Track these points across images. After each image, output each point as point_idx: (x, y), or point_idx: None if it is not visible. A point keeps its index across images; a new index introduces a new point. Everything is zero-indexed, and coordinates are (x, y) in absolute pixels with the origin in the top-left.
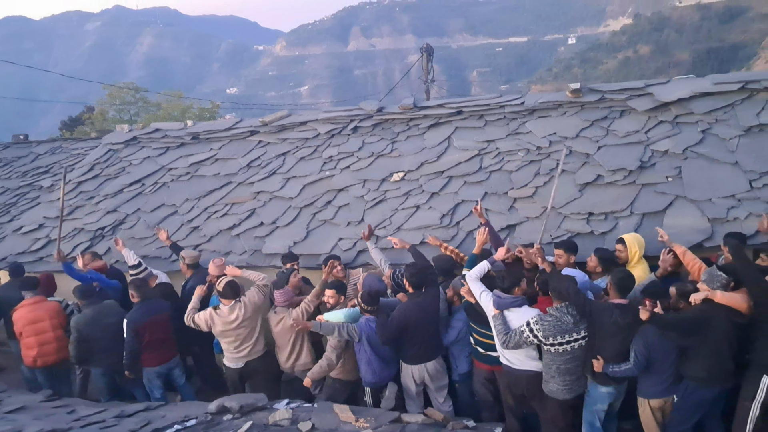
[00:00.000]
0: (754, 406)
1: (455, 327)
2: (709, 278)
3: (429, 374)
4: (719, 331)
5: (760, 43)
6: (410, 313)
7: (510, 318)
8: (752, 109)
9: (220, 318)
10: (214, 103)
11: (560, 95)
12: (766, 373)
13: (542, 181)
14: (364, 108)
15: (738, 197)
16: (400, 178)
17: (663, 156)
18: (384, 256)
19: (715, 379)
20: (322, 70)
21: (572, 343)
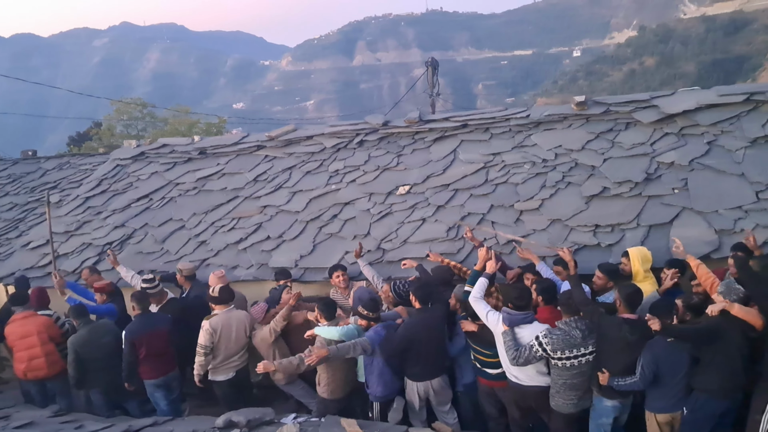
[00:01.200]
0: (764, 420)
1: (461, 334)
2: (727, 290)
3: (434, 390)
4: (733, 343)
5: (765, 54)
6: (416, 330)
7: (520, 334)
8: (758, 121)
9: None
10: (221, 118)
11: (565, 108)
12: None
13: (548, 194)
14: (369, 122)
15: (745, 209)
16: (406, 192)
17: (669, 168)
18: (376, 272)
19: (726, 392)
20: (327, 84)
21: (580, 358)
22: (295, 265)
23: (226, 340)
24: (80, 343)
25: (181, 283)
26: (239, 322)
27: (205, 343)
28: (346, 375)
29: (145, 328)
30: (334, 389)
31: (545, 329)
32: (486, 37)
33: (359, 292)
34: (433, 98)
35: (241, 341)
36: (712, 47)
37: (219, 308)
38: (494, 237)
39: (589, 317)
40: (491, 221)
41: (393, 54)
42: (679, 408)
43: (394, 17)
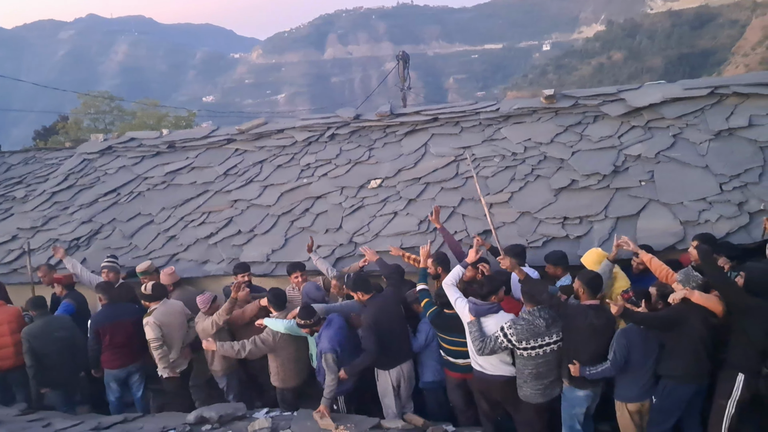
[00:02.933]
0: (730, 404)
1: (422, 330)
2: (685, 278)
3: (405, 375)
4: (695, 330)
5: (730, 48)
6: (378, 317)
7: (486, 325)
8: (721, 114)
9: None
10: (190, 111)
11: (534, 101)
12: (741, 372)
13: (518, 187)
14: (340, 115)
15: (709, 200)
16: (377, 185)
17: (636, 160)
18: (329, 264)
19: (692, 377)
20: (299, 77)
21: (545, 347)
22: (267, 259)
23: (175, 329)
24: (33, 334)
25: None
26: (177, 310)
27: (155, 335)
28: (296, 365)
29: (109, 318)
30: (284, 378)
31: (510, 320)
32: (457, 30)
33: (307, 287)
34: (405, 92)
35: (184, 327)
36: (678, 42)
37: (154, 304)
38: (465, 230)
39: (555, 308)
40: (462, 214)
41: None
42: (648, 396)
43: (365, 10)
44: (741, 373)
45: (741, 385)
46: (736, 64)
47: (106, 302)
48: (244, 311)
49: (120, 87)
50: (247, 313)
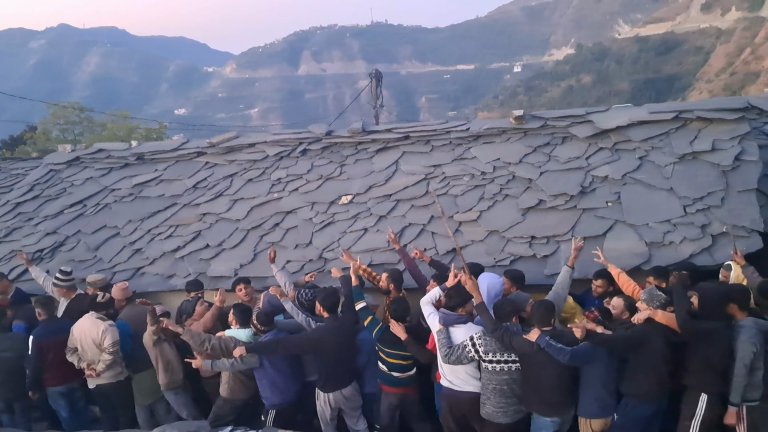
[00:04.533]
0: (694, 424)
1: (363, 350)
2: (649, 298)
3: (345, 398)
4: (658, 349)
5: (695, 74)
6: (327, 336)
7: (454, 334)
8: (686, 138)
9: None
10: (161, 123)
11: (504, 122)
12: (703, 392)
13: (486, 206)
14: (313, 131)
15: (673, 222)
16: (348, 201)
17: (603, 181)
18: (289, 279)
19: (653, 396)
20: (272, 92)
21: (510, 364)
22: (235, 274)
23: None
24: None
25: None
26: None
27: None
28: (248, 378)
29: (51, 333)
30: (233, 388)
31: (480, 330)
32: (430, 50)
33: (267, 297)
34: (377, 109)
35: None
36: (644, 66)
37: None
38: (434, 247)
39: (499, 340)
40: (431, 232)
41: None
42: (610, 414)
43: (339, 28)
44: (704, 393)
45: (704, 405)
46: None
47: (45, 317)
48: (203, 322)
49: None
50: (207, 323)
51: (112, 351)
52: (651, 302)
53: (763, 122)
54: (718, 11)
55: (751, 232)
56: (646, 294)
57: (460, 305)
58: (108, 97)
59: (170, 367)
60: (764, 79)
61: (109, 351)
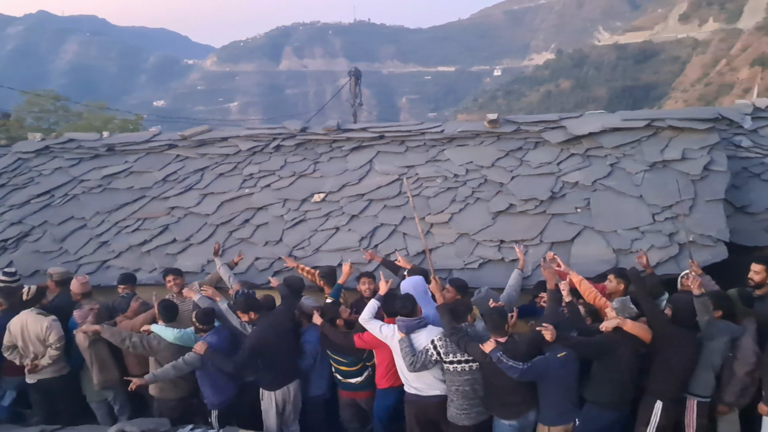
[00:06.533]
0: (650, 431)
1: (308, 351)
2: (621, 308)
3: (291, 396)
4: (623, 359)
5: (671, 84)
6: (265, 335)
7: (416, 340)
8: (657, 146)
9: None
10: (138, 115)
11: (478, 125)
12: (660, 399)
13: (458, 208)
14: (287, 127)
15: (641, 229)
16: (320, 199)
17: (573, 187)
18: (232, 273)
19: (616, 405)
20: (252, 87)
21: (471, 363)
22: (202, 269)
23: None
24: None
25: (51, 289)
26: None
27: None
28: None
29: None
30: (162, 387)
31: (440, 333)
32: (411, 51)
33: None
34: (356, 108)
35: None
36: (622, 74)
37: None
38: (405, 248)
39: (455, 343)
40: (403, 233)
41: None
42: (572, 420)
43: (322, 25)
44: (660, 400)
45: (659, 412)
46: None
47: (6, 308)
48: (134, 323)
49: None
50: (136, 325)
51: (58, 346)
52: (622, 312)
53: (732, 133)
54: (695, 22)
55: (716, 242)
56: (618, 303)
57: (415, 308)
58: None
59: (106, 366)
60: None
61: (55, 347)
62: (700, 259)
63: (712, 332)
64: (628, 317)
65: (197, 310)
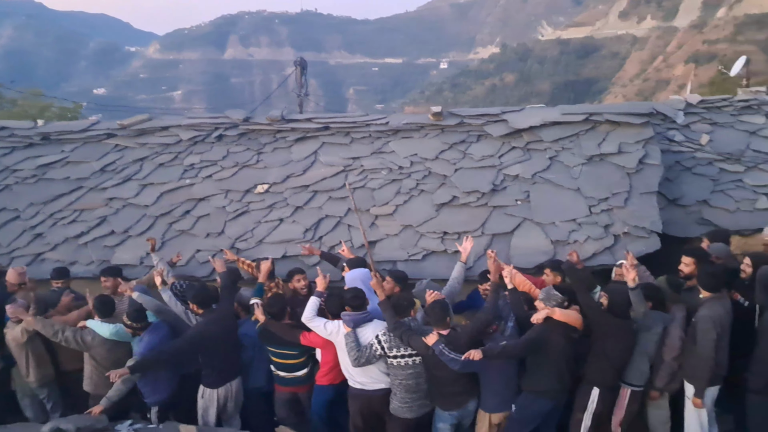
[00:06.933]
0: (586, 417)
1: (247, 344)
2: (546, 297)
3: (233, 393)
4: (557, 347)
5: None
6: (209, 330)
7: (362, 334)
8: (594, 140)
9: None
10: (77, 103)
11: (423, 117)
12: (596, 386)
13: (402, 200)
14: (230, 116)
15: (578, 221)
16: (264, 190)
17: (514, 180)
18: (169, 268)
19: (553, 393)
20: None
21: (414, 357)
22: (141, 262)
23: None
24: None
25: None
26: None
27: None
28: (119, 367)
29: None
30: (97, 383)
31: (384, 327)
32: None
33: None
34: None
35: None
36: (565, 69)
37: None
38: (350, 240)
39: (399, 338)
40: (348, 224)
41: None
42: (509, 407)
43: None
44: (596, 387)
45: (596, 399)
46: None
47: None
48: (67, 318)
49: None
50: (70, 321)
51: None
52: (548, 301)
53: (666, 128)
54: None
55: (650, 233)
56: (543, 293)
57: (365, 303)
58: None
59: (43, 362)
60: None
61: None
62: (634, 250)
63: (647, 323)
64: (555, 305)
65: (128, 310)
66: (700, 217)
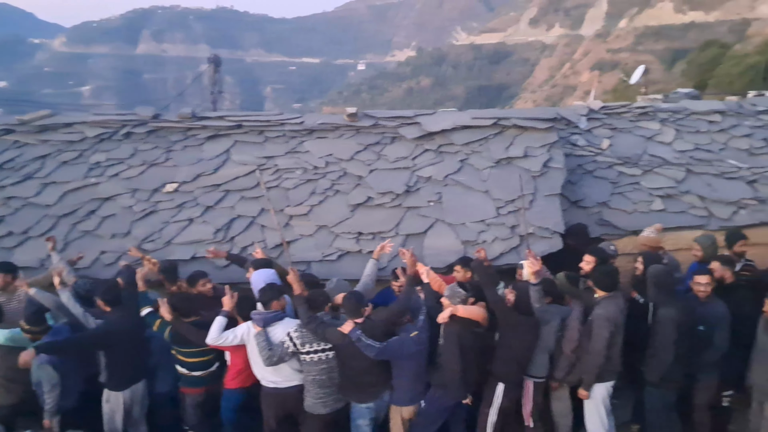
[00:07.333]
0: (492, 412)
1: (152, 348)
2: (451, 294)
3: (138, 396)
4: (464, 343)
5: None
6: (115, 329)
7: (273, 333)
8: (502, 143)
9: None
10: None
11: (338, 118)
12: (501, 382)
13: (317, 200)
14: (138, 113)
15: (487, 222)
16: (173, 190)
17: (427, 182)
18: (68, 268)
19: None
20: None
21: (327, 352)
22: (41, 264)
23: None
24: None
25: None
26: None
27: None
28: (7, 381)
29: None
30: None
31: (296, 324)
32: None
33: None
34: (215, 95)
35: None
36: (478, 74)
37: None
38: (263, 240)
39: (313, 331)
40: (260, 225)
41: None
42: (419, 401)
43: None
44: (501, 382)
45: (501, 394)
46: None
47: None
48: None
49: None
50: None
51: None
52: (452, 299)
53: (570, 132)
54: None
55: (553, 234)
56: (448, 291)
57: (273, 299)
58: None
59: None
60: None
61: None
62: (538, 249)
63: (546, 317)
64: (459, 302)
65: (26, 313)
66: (601, 218)
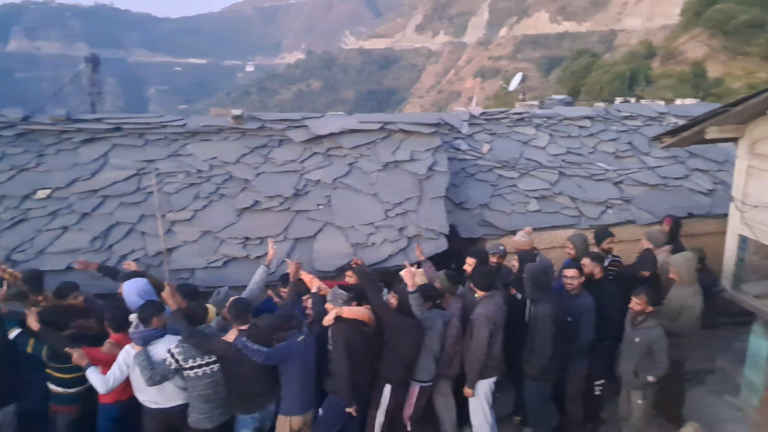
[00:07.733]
0: (379, 414)
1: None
2: (333, 298)
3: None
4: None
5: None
6: None
7: (154, 351)
8: (389, 147)
9: None
10: None
11: (222, 120)
12: (388, 383)
13: (201, 205)
14: (6, 115)
15: (376, 225)
16: (46, 196)
17: (316, 185)
18: None
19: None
20: None
21: (211, 365)
22: None
23: None
24: None
25: None
26: None
27: None
28: None
29: None
30: None
31: (176, 341)
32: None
33: None
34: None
35: None
36: (368, 78)
37: None
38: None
39: (197, 345)
40: (141, 231)
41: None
42: (310, 409)
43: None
44: (388, 384)
45: (388, 395)
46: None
47: None
48: None
49: None
50: None
51: None
52: (335, 302)
53: (453, 137)
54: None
55: (438, 235)
56: (330, 295)
57: (154, 314)
58: None
59: None
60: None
61: None
62: (426, 250)
63: (428, 323)
64: (342, 304)
65: None
66: (482, 219)
